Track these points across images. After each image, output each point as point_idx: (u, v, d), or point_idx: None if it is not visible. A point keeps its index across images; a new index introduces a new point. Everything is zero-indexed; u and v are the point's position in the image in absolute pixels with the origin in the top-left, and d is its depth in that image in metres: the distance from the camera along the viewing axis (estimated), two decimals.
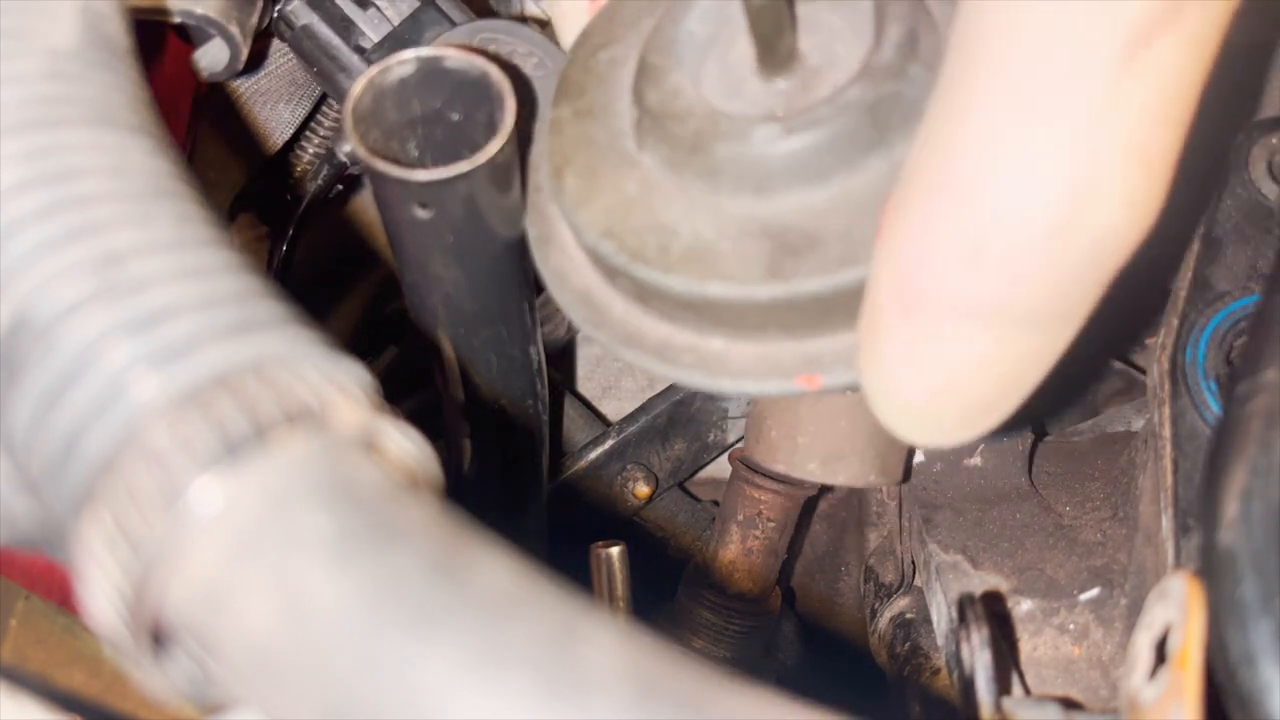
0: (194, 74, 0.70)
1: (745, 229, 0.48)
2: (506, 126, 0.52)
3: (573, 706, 0.32)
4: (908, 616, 0.73)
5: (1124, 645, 0.63)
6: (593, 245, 0.51)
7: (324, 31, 0.73)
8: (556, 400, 0.92)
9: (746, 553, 0.86)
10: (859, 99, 0.47)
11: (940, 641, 0.69)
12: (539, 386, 0.70)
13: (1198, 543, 0.51)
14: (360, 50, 0.73)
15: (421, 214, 0.54)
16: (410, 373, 0.90)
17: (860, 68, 0.48)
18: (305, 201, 0.87)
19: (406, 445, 0.38)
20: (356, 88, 0.53)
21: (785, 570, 0.91)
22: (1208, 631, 0.45)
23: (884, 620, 0.75)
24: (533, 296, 0.64)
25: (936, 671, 0.70)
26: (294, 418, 0.36)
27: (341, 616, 0.33)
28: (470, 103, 0.54)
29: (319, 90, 0.86)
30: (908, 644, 0.72)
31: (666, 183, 0.50)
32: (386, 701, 0.33)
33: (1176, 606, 0.46)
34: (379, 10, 0.72)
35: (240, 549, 0.34)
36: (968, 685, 0.55)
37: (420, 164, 0.55)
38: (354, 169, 0.86)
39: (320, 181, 0.87)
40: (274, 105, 0.86)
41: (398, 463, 0.38)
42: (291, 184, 0.89)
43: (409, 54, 0.54)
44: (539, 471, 0.77)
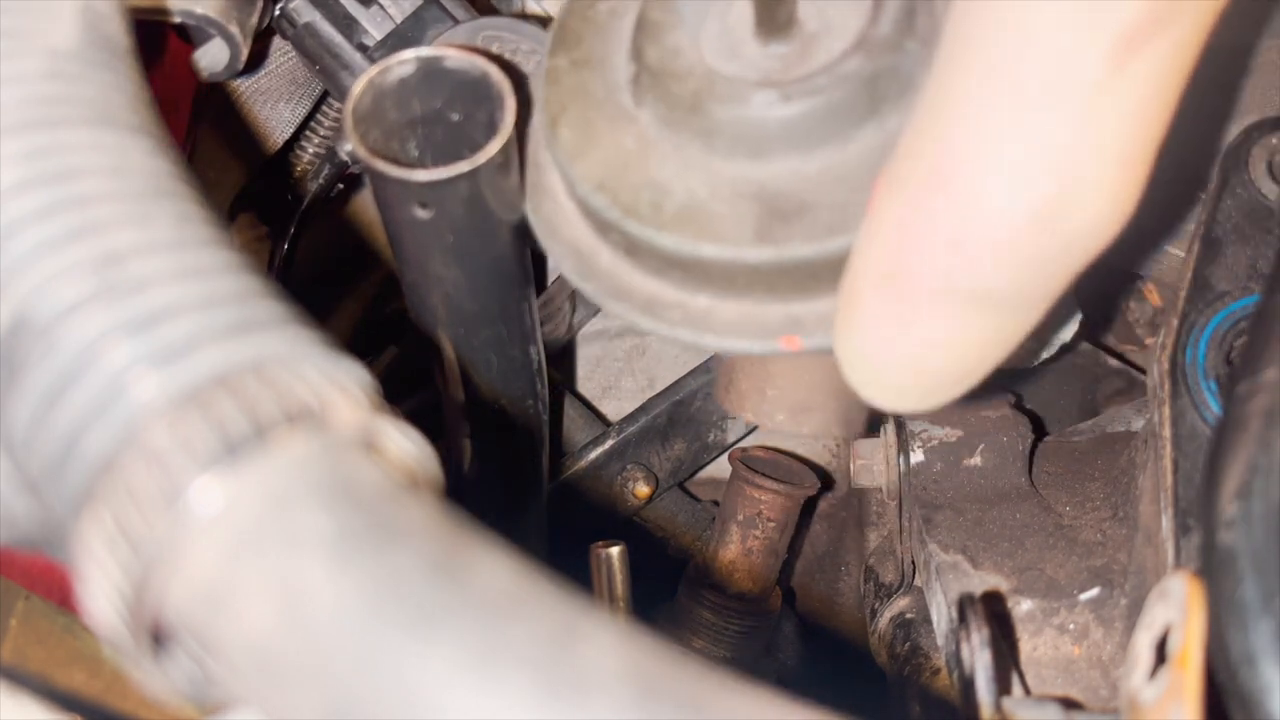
0: (194, 74, 0.70)
1: (738, 191, 0.49)
2: (506, 126, 0.52)
3: (573, 706, 0.32)
4: (908, 616, 0.73)
5: (1124, 645, 0.63)
6: (586, 198, 0.51)
7: (326, 29, 0.73)
8: (556, 400, 0.92)
9: (746, 553, 0.87)
10: (856, 71, 0.47)
11: (940, 641, 0.69)
12: (539, 386, 0.70)
13: (1198, 543, 0.51)
14: (363, 48, 0.73)
15: (421, 214, 0.54)
16: (410, 373, 0.90)
17: (857, 38, 0.48)
18: (305, 201, 0.87)
19: (406, 445, 0.38)
20: (356, 88, 0.53)
21: (785, 570, 0.92)
22: (1208, 631, 0.45)
23: (884, 620, 0.75)
24: (533, 296, 0.64)
25: (936, 671, 0.70)
26: (294, 418, 0.36)
27: (341, 616, 0.33)
28: (470, 103, 0.55)
29: (319, 89, 0.86)
30: (908, 644, 0.72)
31: (662, 140, 0.50)
32: (386, 701, 0.33)
33: (1177, 606, 0.46)
34: (382, 7, 0.72)
35: (240, 549, 0.34)
36: (968, 685, 0.55)
37: (420, 164, 0.55)
38: (354, 169, 0.86)
39: (320, 181, 0.87)
40: (274, 104, 0.86)
41: (398, 463, 0.38)
42: (292, 184, 0.89)
43: (409, 54, 0.54)
44: (539, 471, 0.77)
